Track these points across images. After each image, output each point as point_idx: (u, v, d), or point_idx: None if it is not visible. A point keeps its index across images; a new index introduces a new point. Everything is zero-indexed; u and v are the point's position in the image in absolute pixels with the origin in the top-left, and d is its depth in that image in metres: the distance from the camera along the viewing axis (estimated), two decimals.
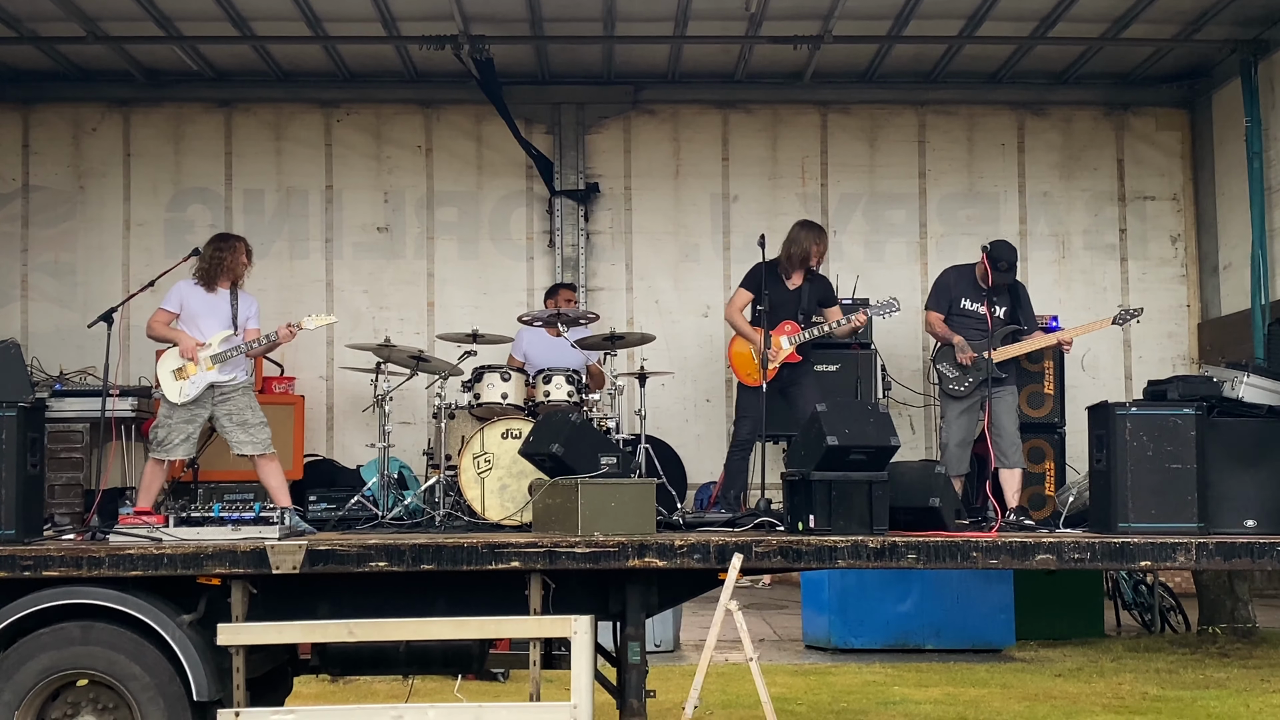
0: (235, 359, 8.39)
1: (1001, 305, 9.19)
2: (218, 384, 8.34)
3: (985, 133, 11.63)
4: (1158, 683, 10.77)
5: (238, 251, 8.58)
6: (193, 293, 8.51)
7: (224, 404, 8.39)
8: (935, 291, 9.49)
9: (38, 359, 10.34)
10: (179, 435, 8.32)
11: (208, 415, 8.38)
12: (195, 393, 8.30)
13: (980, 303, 9.21)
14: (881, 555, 7.08)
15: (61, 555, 6.82)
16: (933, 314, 9.39)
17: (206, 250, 8.63)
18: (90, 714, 6.78)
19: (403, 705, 7.28)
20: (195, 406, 8.34)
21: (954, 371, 9.10)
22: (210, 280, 8.51)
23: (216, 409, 8.38)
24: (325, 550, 6.89)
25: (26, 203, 11.30)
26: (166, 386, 8.35)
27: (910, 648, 12.29)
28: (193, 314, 8.46)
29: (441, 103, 11.48)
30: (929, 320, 9.45)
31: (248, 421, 8.39)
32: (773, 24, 10.27)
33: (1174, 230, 11.59)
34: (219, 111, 11.42)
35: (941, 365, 9.20)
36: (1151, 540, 7.20)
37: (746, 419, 9.24)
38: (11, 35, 10.38)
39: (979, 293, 9.24)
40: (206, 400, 8.36)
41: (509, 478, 8.71)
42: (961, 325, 9.19)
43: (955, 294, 9.30)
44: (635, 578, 7.09)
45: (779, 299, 9.23)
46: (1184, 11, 10.26)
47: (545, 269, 11.44)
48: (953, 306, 9.28)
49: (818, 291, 9.37)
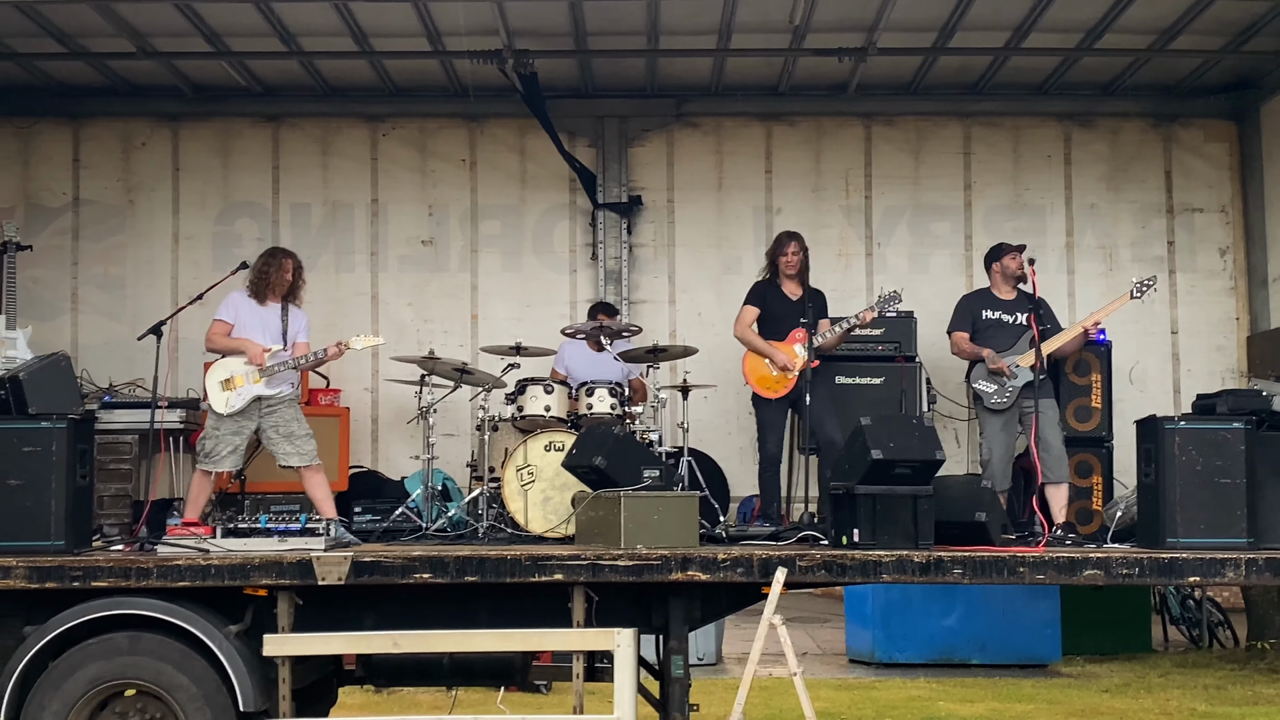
0: (283, 373, 8.45)
1: (1021, 314, 9.15)
2: (264, 397, 8.40)
3: (1031, 145, 11.56)
4: (1206, 699, 10.65)
5: (284, 268, 8.65)
6: (245, 304, 8.61)
7: (270, 416, 8.45)
8: (956, 315, 9.47)
9: (87, 371, 10.46)
10: (226, 447, 8.39)
11: (254, 427, 8.45)
12: (241, 404, 8.37)
13: (1000, 310, 9.24)
14: (927, 570, 7.04)
15: (110, 566, 6.89)
16: (957, 334, 9.37)
17: (257, 264, 8.72)
18: None
19: (446, 717, 7.32)
20: (242, 419, 8.40)
21: (991, 386, 9.05)
22: (260, 294, 8.59)
23: (263, 421, 8.44)
24: (370, 562, 6.93)
25: (77, 216, 11.42)
26: (214, 397, 8.42)
27: (955, 662, 12.20)
28: (244, 326, 8.55)
29: (486, 116, 11.52)
30: (954, 342, 9.41)
31: (294, 433, 8.45)
32: (817, 36, 10.26)
33: (1222, 243, 11.48)
34: (266, 126, 11.52)
35: (978, 384, 9.15)
36: (1200, 556, 7.13)
37: (770, 433, 9.28)
38: (62, 51, 10.51)
39: (997, 303, 9.29)
40: (253, 412, 8.42)
41: (552, 490, 8.73)
42: (987, 337, 9.17)
43: (975, 310, 9.31)
44: (678, 591, 7.08)
45: (782, 310, 9.36)
46: (1232, 23, 10.17)
47: (588, 282, 11.46)
48: (975, 322, 9.29)
49: (817, 303, 9.39)
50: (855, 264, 11.30)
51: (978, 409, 9.29)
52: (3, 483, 7.16)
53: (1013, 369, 8.97)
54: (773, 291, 9.43)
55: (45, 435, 7.20)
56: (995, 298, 9.33)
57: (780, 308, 9.35)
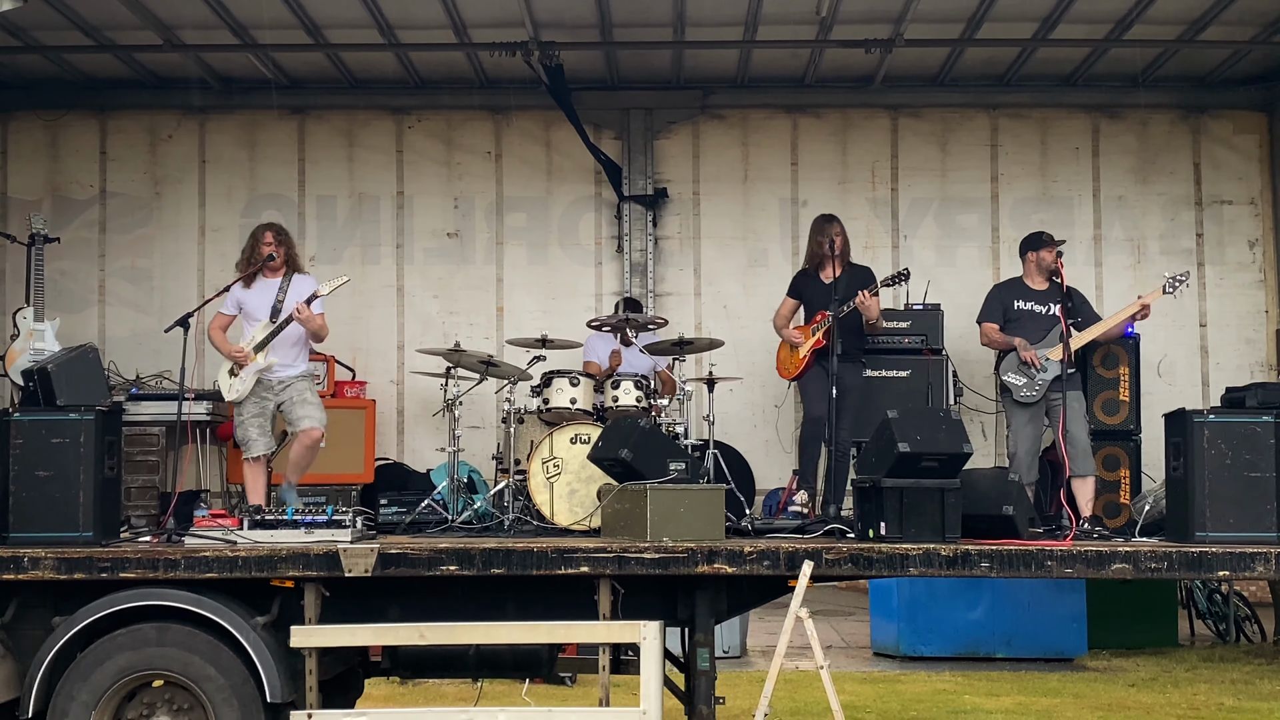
0: (275, 345, 8.51)
1: (1054, 304, 9.03)
2: (265, 374, 8.49)
3: (1059, 136, 11.51)
4: (1233, 694, 10.59)
5: (258, 240, 8.71)
6: (241, 291, 8.69)
7: (286, 391, 8.58)
8: (986, 304, 9.38)
9: (115, 363, 10.52)
10: (254, 429, 8.53)
11: (275, 404, 8.56)
12: (246, 388, 8.50)
13: (1033, 301, 9.14)
14: (954, 563, 7.02)
15: (138, 557, 6.92)
16: (987, 325, 9.28)
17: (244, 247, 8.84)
18: (165, 714, 6.87)
19: (472, 709, 7.34)
20: (259, 400, 8.51)
21: (1021, 379, 8.96)
22: (250, 276, 8.65)
23: (281, 397, 8.56)
24: (396, 554, 6.94)
25: (104, 209, 11.48)
26: (223, 387, 8.63)
27: (980, 656, 12.15)
28: (246, 312, 8.68)
29: (511, 109, 11.52)
30: (984, 332, 9.32)
31: (307, 400, 8.59)
32: (843, 28, 10.22)
33: (1252, 235, 11.40)
34: (292, 118, 11.54)
35: (1007, 375, 9.04)
36: (1229, 550, 7.08)
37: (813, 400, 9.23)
38: (90, 44, 10.55)
39: (1030, 294, 9.18)
40: (267, 392, 8.52)
41: (578, 482, 8.73)
42: (1019, 327, 9.08)
43: (1007, 300, 9.21)
44: (704, 584, 7.07)
45: (813, 295, 9.38)
46: (1263, 13, 10.09)
47: (614, 274, 11.46)
48: (1007, 312, 9.19)
49: (856, 279, 9.30)
50: (882, 256, 11.24)
51: (1005, 402, 9.22)
52: (31, 474, 7.20)
53: (1043, 362, 8.89)
54: (810, 280, 9.43)
55: (73, 427, 7.25)
56: (1028, 288, 9.22)
57: (816, 293, 9.34)
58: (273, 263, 8.60)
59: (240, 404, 8.56)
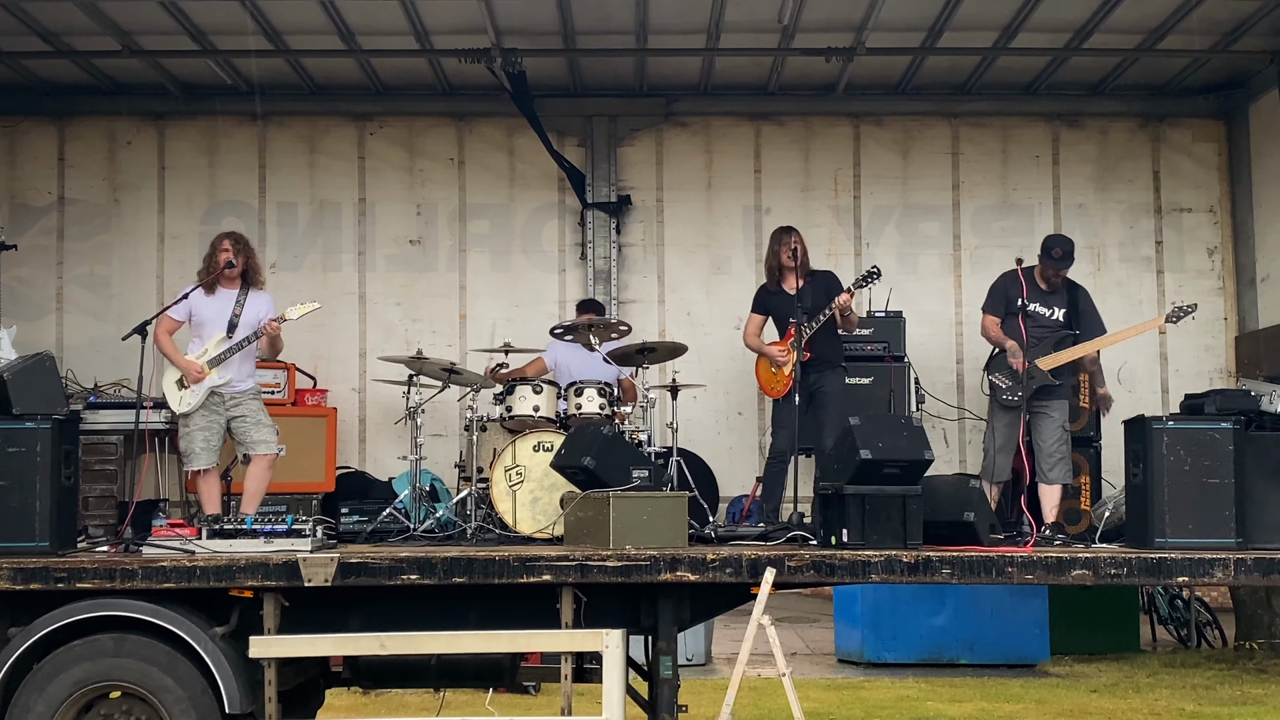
0: (231, 361, 8.37)
1: (1059, 308, 8.97)
2: (219, 389, 8.36)
3: (1019, 144, 11.58)
4: (1194, 699, 10.65)
5: (216, 249, 8.56)
6: (198, 298, 8.52)
7: (236, 409, 8.43)
8: (991, 294, 9.18)
9: (72, 371, 10.41)
10: (199, 443, 8.37)
11: (224, 420, 8.42)
12: (196, 401, 8.34)
13: (1038, 302, 8.95)
14: (915, 570, 7.03)
15: (95, 567, 6.84)
16: (988, 317, 9.14)
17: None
18: None
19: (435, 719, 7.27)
20: (208, 413, 8.38)
21: (1007, 381, 8.87)
22: (210, 284, 8.52)
23: (230, 414, 8.42)
24: (357, 563, 6.90)
25: (62, 216, 11.38)
26: (170, 398, 8.43)
27: (944, 662, 12.18)
28: (199, 321, 8.50)
29: (474, 115, 11.50)
30: (984, 324, 9.18)
31: (261, 422, 8.46)
32: (805, 36, 10.25)
33: (1211, 242, 11.50)
34: (253, 125, 11.47)
35: (995, 375, 8.95)
36: (1189, 556, 7.12)
37: (780, 430, 9.20)
38: (47, 50, 10.46)
39: (1037, 292, 8.98)
40: (218, 406, 8.39)
41: (541, 490, 8.70)
42: (1018, 327, 8.87)
43: (1013, 295, 8.96)
44: (667, 591, 7.06)
45: (780, 308, 9.30)
46: (1221, 22, 10.18)
47: (577, 281, 11.44)
48: (1010, 306, 8.97)
49: (821, 287, 9.21)
50: (844, 264, 11.22)
51: (991, 399, 9.14)
52: None
53: (1031, 370, 8.75)
54: (774, 294, 9.34)
55: (30, 436, 7.15)
56: (1037, 286, 8.99)
57: (783, 306, 9.26)
58: (231, 270, 8.49)
59: (188, 415, 8.41)
